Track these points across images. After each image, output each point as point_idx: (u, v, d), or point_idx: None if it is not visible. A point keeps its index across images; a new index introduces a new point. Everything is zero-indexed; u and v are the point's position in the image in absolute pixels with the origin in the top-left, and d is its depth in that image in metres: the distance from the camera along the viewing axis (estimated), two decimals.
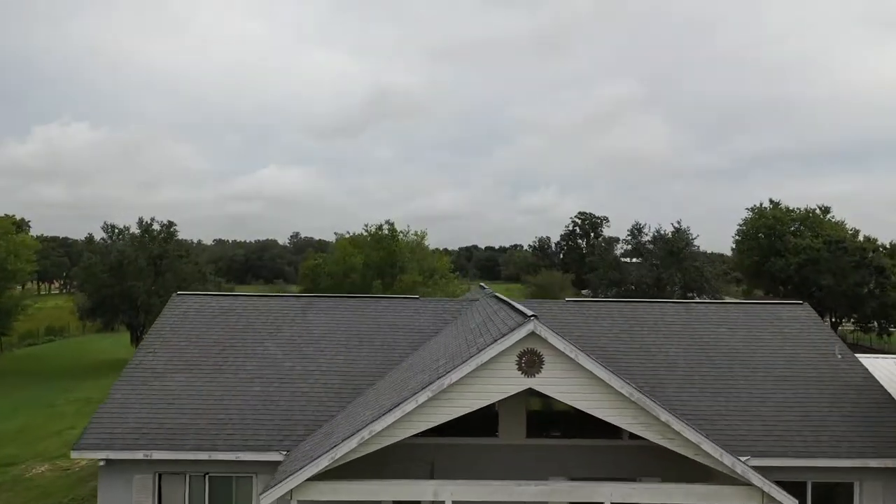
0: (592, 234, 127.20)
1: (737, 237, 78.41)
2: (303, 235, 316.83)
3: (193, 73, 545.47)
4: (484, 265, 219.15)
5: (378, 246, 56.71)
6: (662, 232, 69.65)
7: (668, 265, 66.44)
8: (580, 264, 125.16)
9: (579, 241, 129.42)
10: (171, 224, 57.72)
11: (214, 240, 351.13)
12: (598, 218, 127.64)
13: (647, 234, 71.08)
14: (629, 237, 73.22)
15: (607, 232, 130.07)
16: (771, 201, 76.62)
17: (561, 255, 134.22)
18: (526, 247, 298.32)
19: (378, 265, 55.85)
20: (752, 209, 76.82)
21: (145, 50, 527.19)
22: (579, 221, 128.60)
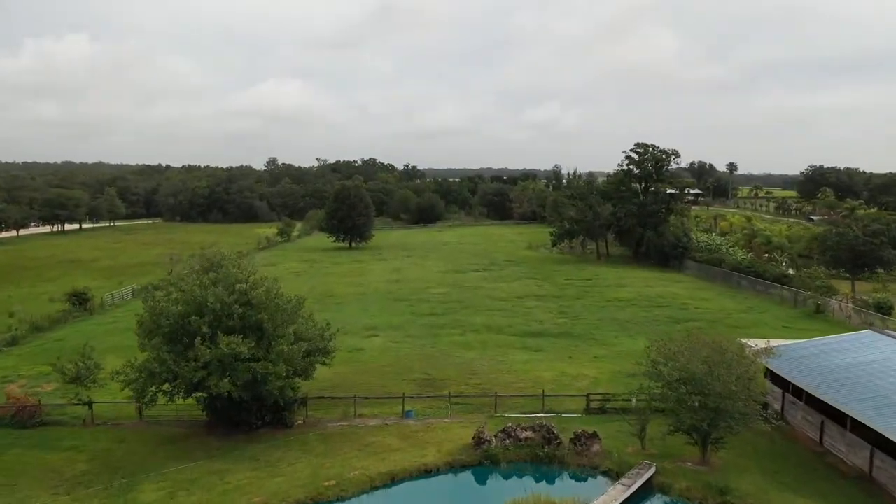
0: (655, 175, 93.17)
1: None
2: (281, 161, 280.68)
3: None
4: (492, 200, 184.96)
5: None
6: None
7: None
8: (639, 216, 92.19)
9: (634, 184, 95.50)
10: None
11: (183, 165, 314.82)
12: (664, 152, 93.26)
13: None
14: None
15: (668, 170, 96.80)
16: None
17: (594, 193, 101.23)
18: (539, 173, 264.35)
19: None
20: None
21: None
22: (636, 157, 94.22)
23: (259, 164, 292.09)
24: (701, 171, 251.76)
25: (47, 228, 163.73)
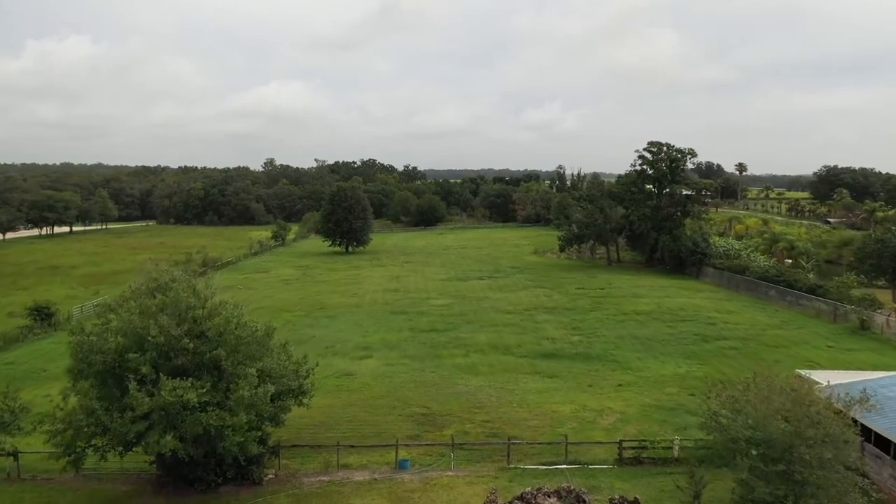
0: (670, 176, 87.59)
1: None
2: (278, 163, 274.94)
3: None
4: (494, 202, 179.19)
5: None
6: None
7: None
8: (653, 220, 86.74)
9: (648, 185, 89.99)
10: None
11: (180, 166, 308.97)
12: (679, 151, 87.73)
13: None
14: None
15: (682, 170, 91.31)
16: None
17: (604, 195, 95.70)
18: (542, 174, 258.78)
19: None
20: None
21: None
22: (649, 156, 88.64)
23: (259, 166, 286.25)
24: (709, 172, 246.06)
25: (35, 232, 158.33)
